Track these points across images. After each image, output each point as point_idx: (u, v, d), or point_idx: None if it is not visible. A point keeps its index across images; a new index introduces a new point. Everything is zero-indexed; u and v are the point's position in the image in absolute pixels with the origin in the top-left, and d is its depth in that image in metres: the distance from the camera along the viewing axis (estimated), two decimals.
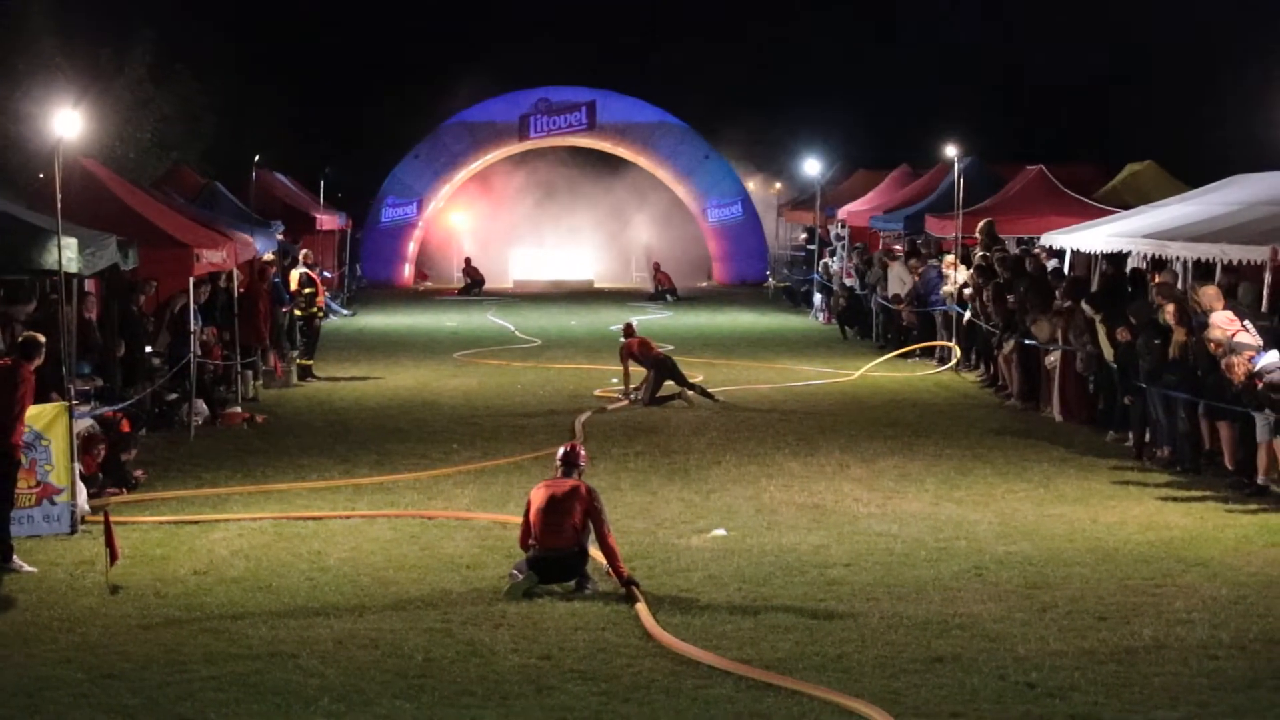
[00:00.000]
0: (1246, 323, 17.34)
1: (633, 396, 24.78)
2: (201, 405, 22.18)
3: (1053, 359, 22.68)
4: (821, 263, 44.12)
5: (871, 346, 33.85)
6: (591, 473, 13.80)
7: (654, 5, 78.49)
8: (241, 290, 25.40)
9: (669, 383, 24.51)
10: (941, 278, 29.86)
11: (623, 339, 25.39)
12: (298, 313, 28.52)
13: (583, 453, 13.75)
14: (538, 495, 13.16)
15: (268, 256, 29.24)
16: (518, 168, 60.56)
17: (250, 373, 25.50)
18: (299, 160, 55.27)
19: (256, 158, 34.01)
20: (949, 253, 30.62)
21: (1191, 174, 34.90)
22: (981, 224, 29.38)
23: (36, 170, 35.67)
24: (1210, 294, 17.92)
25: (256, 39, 60.51)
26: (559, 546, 12.86)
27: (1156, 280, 21.34)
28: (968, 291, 27.55)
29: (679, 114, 58.41)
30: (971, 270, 27.64)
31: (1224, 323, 17.18)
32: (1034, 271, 25.39)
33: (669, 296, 49.46)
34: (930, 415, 23.46)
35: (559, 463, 13.55)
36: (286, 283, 28.73)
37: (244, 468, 18.97)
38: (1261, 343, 16.96)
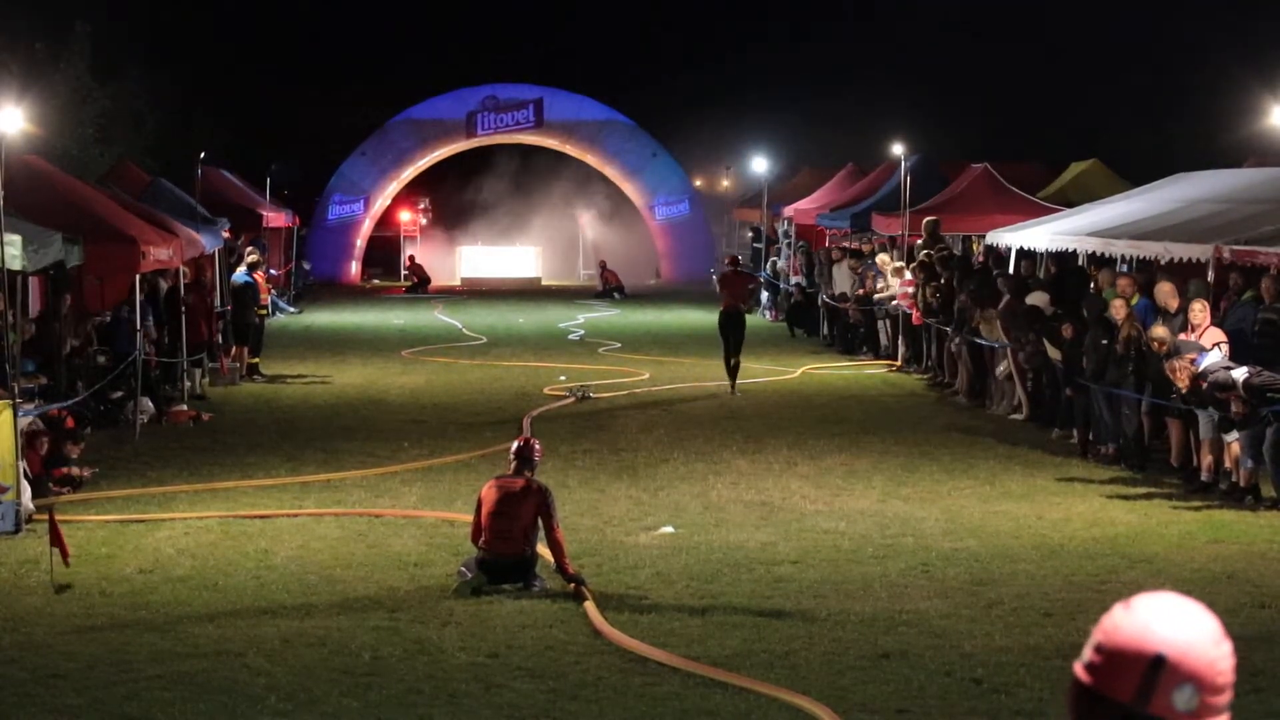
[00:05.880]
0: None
1: (579, 395, 24.84)
2: (147, 403, 22.06)
3: (1002, 368, 22.81)
4: (770, 260, 44.21)
5: (819, 344, 33.94)
6: (540, 470, 13.75)
7: (601, 3, 78.57)
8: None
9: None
10: (879, 276, 30.05)
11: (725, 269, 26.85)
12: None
13: (537, 447, 13.53)
14: (489, 495, 12.97)
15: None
16: (465, 165, 60.40)
17: (197, 370, 25.36)
18: (245, 157, 55.00)
19: (203, 154, 33.82)
20: (882, 251, 30.89)
21: (1136, 172, 35.19)
22: (925, 222, 29.50)
23: None
24: (1166, 290, 17.92)
25: (201, 35, 60.15)
26: (507, 553, 12.78)
27: (1097, 273, 21.47)
28: (911, 289, 27.65)
29: (626, 112, 58.42)
30: (914, 267, 27.74)
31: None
32: (981, 269, 25.52)
33: (616, 294, 49.46)
34: (877, 413, 23.54)
35: (513, 457, 13.30)
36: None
37: (190, 466, 18.87)
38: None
